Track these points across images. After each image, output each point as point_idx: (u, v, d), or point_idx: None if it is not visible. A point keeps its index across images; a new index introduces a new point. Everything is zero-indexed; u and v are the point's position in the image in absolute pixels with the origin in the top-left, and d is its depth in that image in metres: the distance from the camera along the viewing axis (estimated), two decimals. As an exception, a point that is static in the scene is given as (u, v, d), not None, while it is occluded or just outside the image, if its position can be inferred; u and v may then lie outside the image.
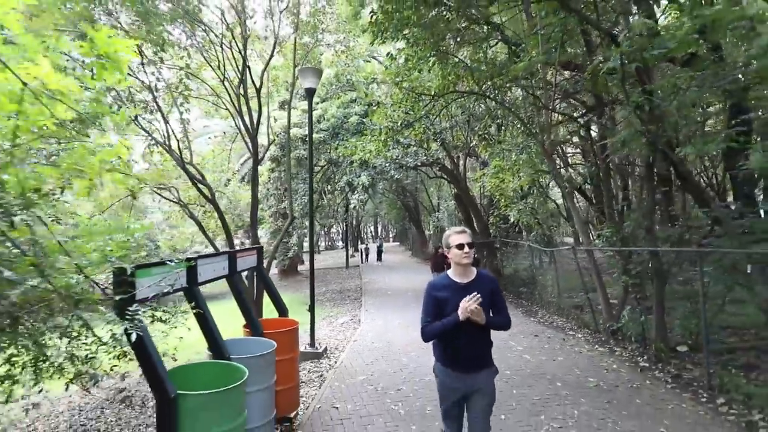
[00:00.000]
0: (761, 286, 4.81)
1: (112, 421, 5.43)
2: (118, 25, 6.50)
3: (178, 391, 2.63)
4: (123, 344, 2.57)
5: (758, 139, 5.59)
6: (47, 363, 2.51)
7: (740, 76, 5.07)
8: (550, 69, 7.38)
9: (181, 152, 6.98)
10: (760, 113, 5.98)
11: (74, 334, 2.56)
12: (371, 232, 65.83)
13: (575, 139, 8.52)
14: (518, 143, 8.88)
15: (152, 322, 3.00)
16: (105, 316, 2.55)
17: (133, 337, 2.38)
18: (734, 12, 4.30)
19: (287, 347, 4.21)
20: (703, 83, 5.01)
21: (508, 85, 7.83)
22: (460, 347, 2.61)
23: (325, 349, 7.34)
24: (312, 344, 7.21)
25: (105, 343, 2.50)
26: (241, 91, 7.14)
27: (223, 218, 7.21)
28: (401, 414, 4.61)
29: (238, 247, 7.44)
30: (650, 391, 5.10)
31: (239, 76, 7.16)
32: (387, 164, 12.27)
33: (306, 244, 19.32)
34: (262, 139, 10.29)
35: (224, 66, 7.13)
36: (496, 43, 8.99)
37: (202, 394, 2.72)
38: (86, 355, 2.52)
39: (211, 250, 7.85)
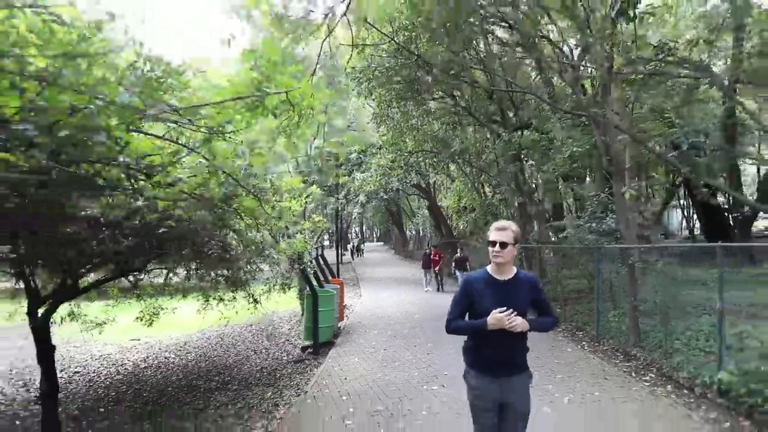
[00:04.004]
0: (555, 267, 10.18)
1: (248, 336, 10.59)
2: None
3: (319, 291, 7.84)
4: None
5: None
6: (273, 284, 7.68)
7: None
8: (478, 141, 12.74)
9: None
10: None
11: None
12: (356, 232, 70.90)
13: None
14: (461, 179, 14.26)
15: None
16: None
17: (307, 270, 7.55)
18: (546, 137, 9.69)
19: (341, 289, 9.43)
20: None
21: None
22: (494, 350, 2.43)
23: (346, 305, 12.53)
24: (338, 302, 12.40)
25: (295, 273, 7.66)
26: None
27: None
28: (390, 322, 9.89)
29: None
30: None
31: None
32: (378, 187, 17.43)
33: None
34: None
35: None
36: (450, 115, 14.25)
37: (324, 294, 7.93)
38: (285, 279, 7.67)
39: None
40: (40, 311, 5.84)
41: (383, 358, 7.00)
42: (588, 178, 12.37)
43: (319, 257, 9.39)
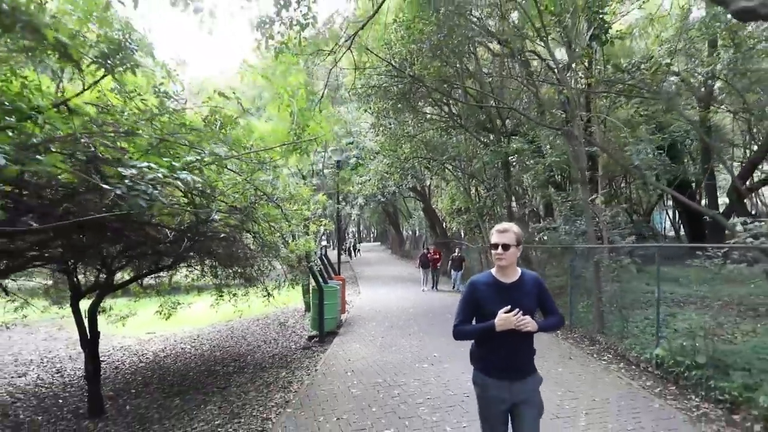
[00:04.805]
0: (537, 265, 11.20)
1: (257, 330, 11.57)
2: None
3: (324, 287, 8.84)
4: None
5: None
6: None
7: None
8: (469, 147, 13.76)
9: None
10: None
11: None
12: (352, 232, 71.91)
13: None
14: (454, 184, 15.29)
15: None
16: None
17: (314, 267, 8.55)
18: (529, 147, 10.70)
19: (343, 285, 10.41)
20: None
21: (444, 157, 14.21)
22: (501, 354, 2.39)
23: (347, 300, 13.52)
24: (339, 297, 13.39)
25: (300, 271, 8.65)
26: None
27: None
28: (388, 315, 10.89)
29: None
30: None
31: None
32: (376, 191, 18.43)
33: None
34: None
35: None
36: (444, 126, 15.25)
37: (329, 288, 8.93)
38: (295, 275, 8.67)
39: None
40: (89, 303, 6.82)
41: (381, 344, 8.00)
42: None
43: (323, 256, 10.38)
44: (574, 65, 9.88)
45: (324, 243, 46.24)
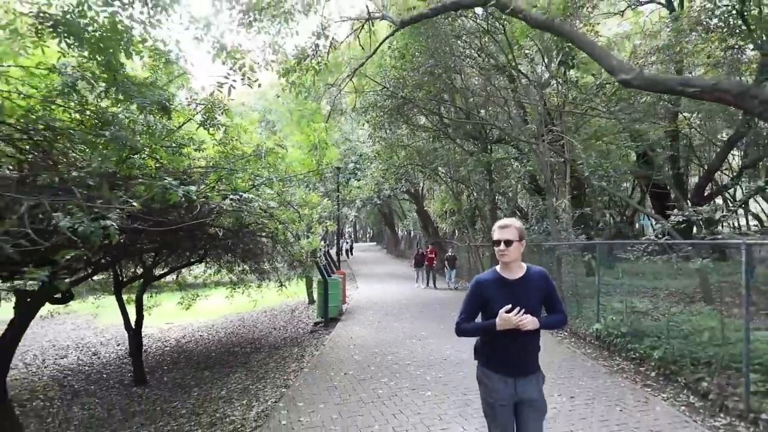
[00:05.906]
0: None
1: (264, 320, 12.95)
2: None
3: (328, 279, 10.26)
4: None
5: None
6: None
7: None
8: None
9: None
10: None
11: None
12: (349, 233, 73.28)
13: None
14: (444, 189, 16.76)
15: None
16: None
17: (319, 261, 9.95)
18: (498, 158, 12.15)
19: (343, 278, 11.82)
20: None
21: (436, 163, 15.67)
22: (506, 351, 2.42)
23: (346, 294, 14.93)
24: (339, 291, 14.79)
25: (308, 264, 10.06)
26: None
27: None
28: (383, 306, 12.32)
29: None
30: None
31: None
32: (373, 194, 19.88)
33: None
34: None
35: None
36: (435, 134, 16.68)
37: (332, 280, 10.34)
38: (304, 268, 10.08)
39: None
40: (136, 292, 8.20)
41: (378, 327, 9.42)
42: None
43: (327, 253, 11.77)
44: (549, 85, 11.35)
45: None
